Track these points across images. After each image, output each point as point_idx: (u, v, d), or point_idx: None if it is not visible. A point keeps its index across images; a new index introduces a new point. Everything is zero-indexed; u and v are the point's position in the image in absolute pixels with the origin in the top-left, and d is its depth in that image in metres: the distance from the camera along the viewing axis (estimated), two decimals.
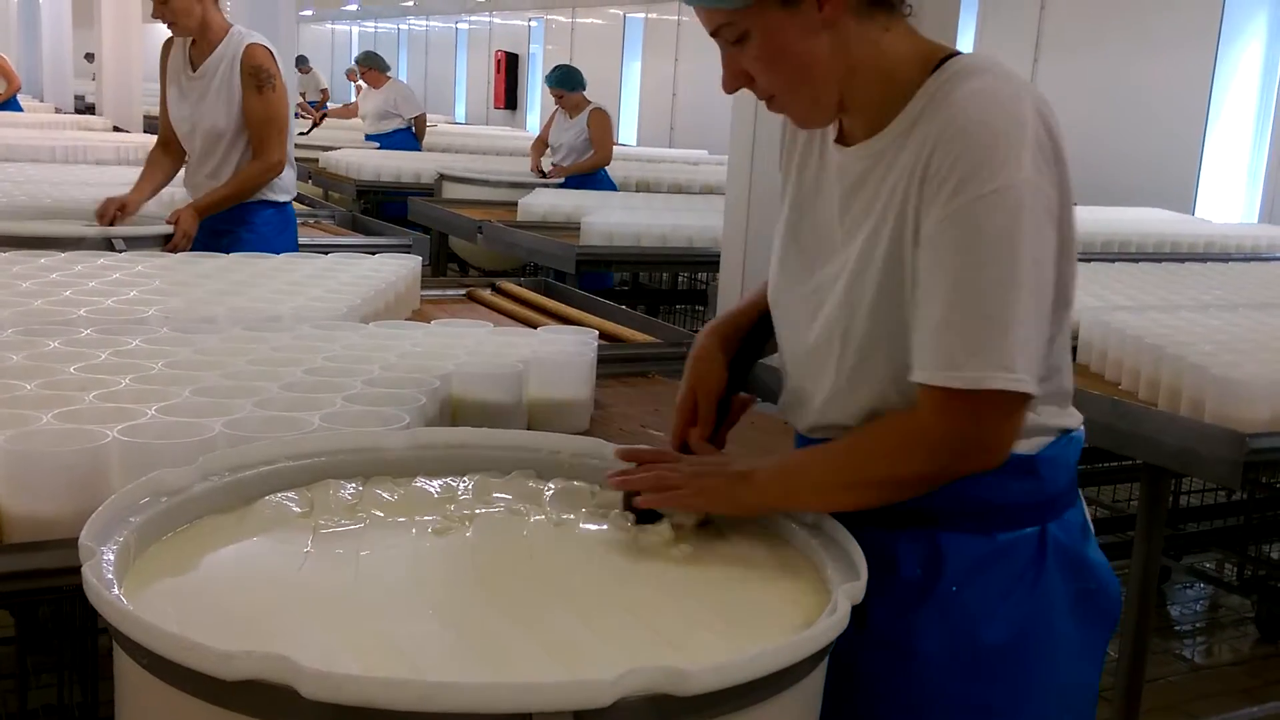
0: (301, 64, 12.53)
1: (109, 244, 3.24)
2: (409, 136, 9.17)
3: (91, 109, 11.43)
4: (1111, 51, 9.11)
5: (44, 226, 3.36)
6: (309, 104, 12.44)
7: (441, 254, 6.26)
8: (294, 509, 1.42)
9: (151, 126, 8.88)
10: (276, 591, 1.23)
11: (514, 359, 2.08)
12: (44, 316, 2.24)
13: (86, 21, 11.13)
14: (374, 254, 3.19)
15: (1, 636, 2.76)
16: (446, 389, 1.93)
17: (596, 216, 5.07)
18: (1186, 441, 2.47)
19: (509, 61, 18.54)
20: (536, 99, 17.88)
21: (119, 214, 3.51)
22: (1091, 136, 8.86)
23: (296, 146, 4.14)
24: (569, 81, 7.15)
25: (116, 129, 8.85)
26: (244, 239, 3.58)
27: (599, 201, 5.91)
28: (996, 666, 1.38)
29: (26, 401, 1.68)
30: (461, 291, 3.44)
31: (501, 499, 1.50)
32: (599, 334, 2.36)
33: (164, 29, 3.60)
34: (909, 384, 1.32)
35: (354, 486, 1.49)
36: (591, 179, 7.05)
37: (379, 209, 6.72)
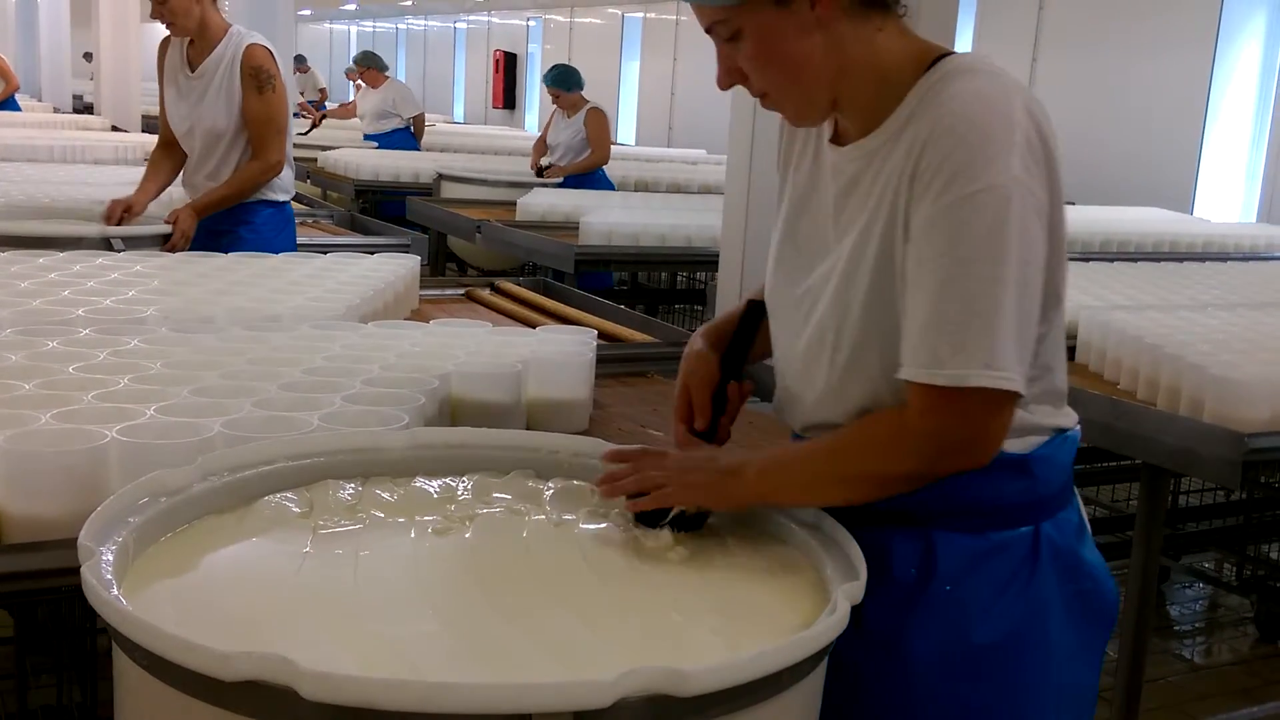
0: (299, 63, 12.53)
1: (107, 244, 3.23)
2: (408, 136, 9.12)
3: (90, 109, 11.43)
4: (1110, 51, 9.12)
5: (42, 226, 3.35)
6: (309, 104, 12.42)
7: (440, 254, 6.25)
8: (293, 509, 1.42)
9: (150, 126, 8.89)
10: (276, 592, 1.23)
11: (513, 359, 2.08)
12: (42, 316, 2.24)
13: (85, 21, 11.13)
14: (372, 254, 3.19)
15: (1, 637, 2.76)
16: (445, 389, 1.93)
17: (595, 216, 5.06)
18: (1185, 441, 2.48)
19: (507, 61, 18.55)
20: (535, 99, 17.88)
21: (125, 215, 3.51)
22: (1090, 136, 8.87)
23: (295, 146, 4.13)
24: (565, 81, 7.15)
25: (115, 128, 8.85)
26: (242, 239, 3.57)
27: (598, 201, 5.91)
28: (990, 666, 1.38)
29: (25, 401, 1.68)
30: (460, 291, 3.44)
31: (501, 499, 1.50)
32: (598, 334, 2.36)
33: (163, 28, 3.59)
34: (900, 382, 1.32)
35: (353, 487, 1.49)
36: (589, 178, 7.06)
37: (377, 208, 6.70)
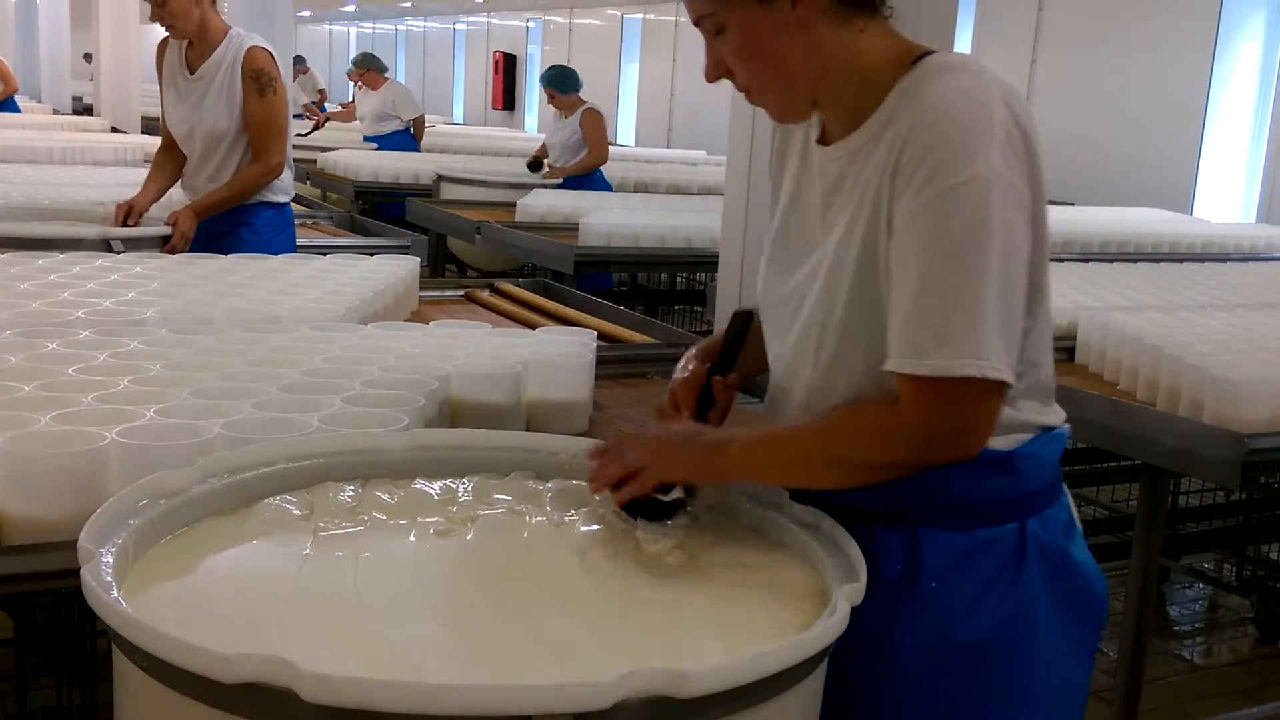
0: (299, 64, 12.51)
1: (107, 245, 3.23)
2: (408, 138, 9.06)
3: (89, 110, 11.42)
4: (1109, 52, 9.11)
5: (42, 228, 3.35)
6: (311, 104, 12.41)
7: (440, 255, 6.25)
8: (294, 512, 1.42)
9: (149, 128, 8.89)
10: (276, 594, 1.23)
11: (513, 360, 2.08)
12: (42, 318, 2.24)
13: (84, 22, 11.11)
14: (372, 255, 3.19)
15: (0, 638, 2.76)
16: (445, 390, 1.93)
17: (595, 217, 5.06)
18: (1185, 441, 2.47)
19: (507, 62, 18.54)
20: (534, 100, 17.88)
21: (128, 216, 3.50)
22: (1089, 137, 8.87)
23: (295, 147, 4.12)
24: (561, 82, 7.14)
25: (114, 130, 8.84)
26: (242, 240, 3.57)
27: (597, 202, 5.91)
28: (976, 663, 1.38)
29: (25, 403, 1.68)
30: (460, 292, 3.44)
31: (502, 500, 1.50)
32: (597, 335, 2.36)
33: (162, 30, 3.59)
34: (886, 378, 1.33)
35: (353, 489, 1.49)
36: (587, 179, 7.05)
37: (377, 210, 6.70)
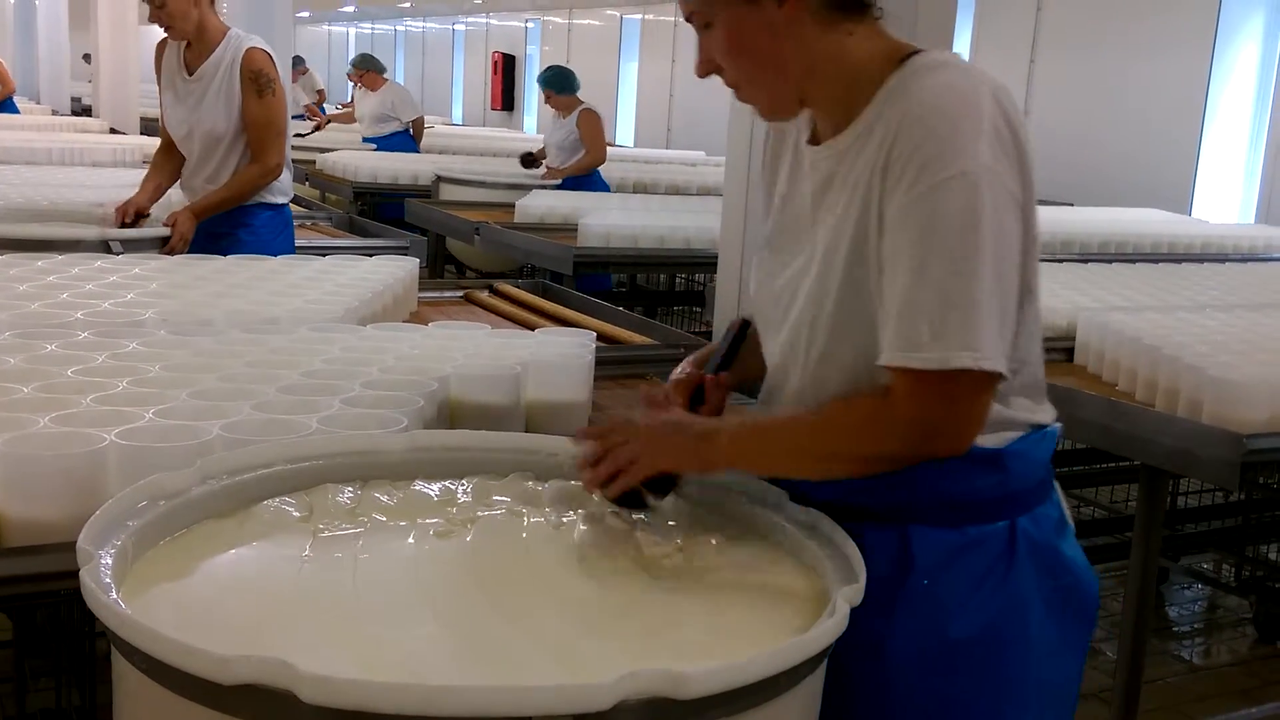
0: (298, 65, 12.50)
1: (106, 246, 3.23)
2: (407, 139, 9.02)
3: (88, 111, 11.41)
4: (1108, 52, 9.12)
5: (41, 229, 3.35)
6: (311, 105, 12.40)
7: (439, 256, 6.25)
8: (293, 513, 1.42)
9: (148, 129, 8.87)
10: (275, 596, 1.23)
11: (512, 361, 2.08)
12: (41, 319, 2.24)
13: (83, 23, 11.09)
14: (371, 256, 3.19)
15: None
16: (444, 391, 1.93)
17: (594, 218, 5.06)
18: (1184, 442, 2.47)
19: (506, 63, 18.53)
20: (534, 100, 17.86)
21: (128, 216, 3.50)
22: (1088, 137, 8.88)
23: (293, 148, 4.12)
24: (558, 83, 7.14)
25: (113, 131, 8.84)
26: (241, 241, 3.57)
27: (596, 203, 5.90)
28: (967, 660, 1.38)
29: (24, 404, 1.68)
30: (459, 293, 3.44)
31: (501, 501, 1.50)
32: (596, 336, 2.36)
33: (161, 30, 3.58)
34: (876, 374, 1.34)
35: (352, 490, 1.49)
36: (585, 180, 7.05)
37: (376, 211, 6.69)
